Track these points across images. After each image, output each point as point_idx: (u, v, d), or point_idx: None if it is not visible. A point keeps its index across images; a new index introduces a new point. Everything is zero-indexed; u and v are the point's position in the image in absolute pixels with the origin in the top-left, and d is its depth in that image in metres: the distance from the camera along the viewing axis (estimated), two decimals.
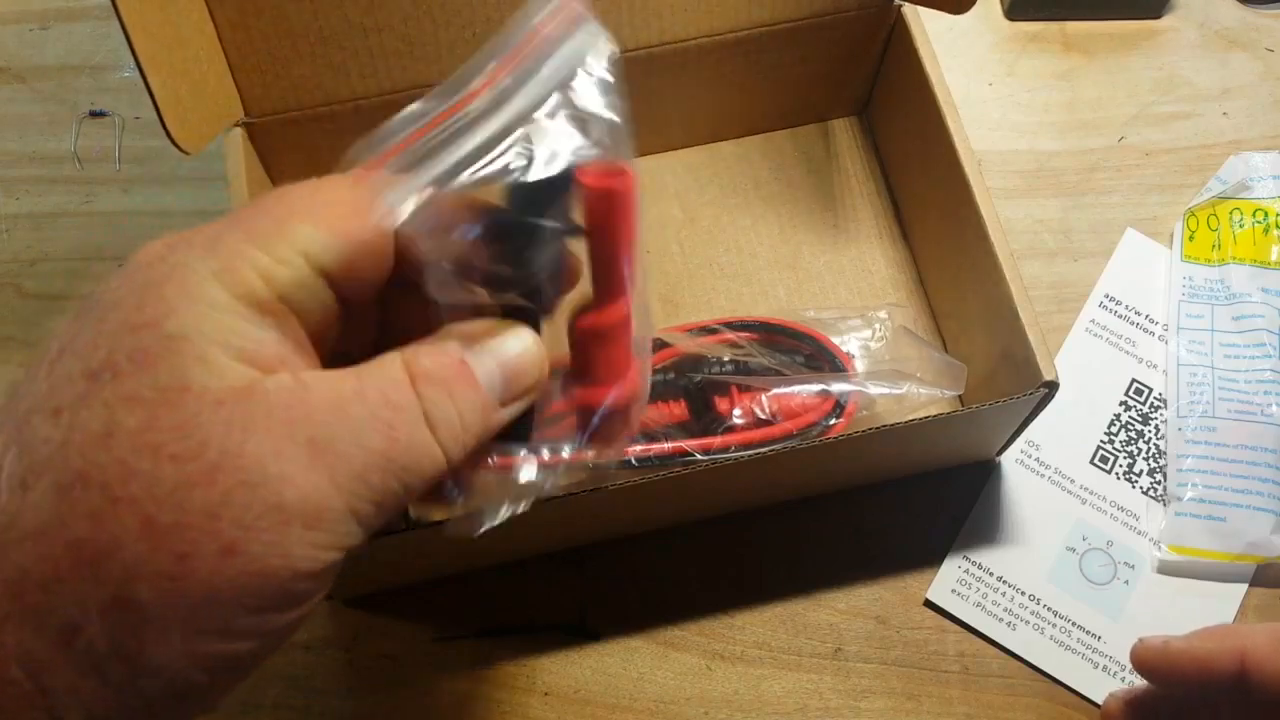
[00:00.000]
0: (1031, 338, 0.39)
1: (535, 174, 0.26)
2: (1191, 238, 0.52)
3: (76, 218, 0.54)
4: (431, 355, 0.25)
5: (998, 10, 0.59)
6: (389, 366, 0.24)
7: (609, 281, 0.28)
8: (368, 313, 0.28)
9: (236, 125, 0.45)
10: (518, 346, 0.27)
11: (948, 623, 0.45)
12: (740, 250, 0.52)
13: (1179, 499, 0.46)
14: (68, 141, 0.56)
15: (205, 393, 0.22)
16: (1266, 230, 0.51)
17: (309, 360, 0.25)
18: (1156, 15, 0.59)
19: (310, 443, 0.23)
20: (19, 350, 0.51)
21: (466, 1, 0.44)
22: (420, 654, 0.45)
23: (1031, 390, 0.39)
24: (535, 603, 0.46)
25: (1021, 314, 0.40)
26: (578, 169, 0.26)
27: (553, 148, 0.26)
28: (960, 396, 0.47)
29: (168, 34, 0.39)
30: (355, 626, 0.45)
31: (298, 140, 0.47)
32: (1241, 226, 0.51)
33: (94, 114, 0.56)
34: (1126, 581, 0.46)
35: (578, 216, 0.27)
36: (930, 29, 0.47)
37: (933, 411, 0.38)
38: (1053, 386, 0.39)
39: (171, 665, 0.22)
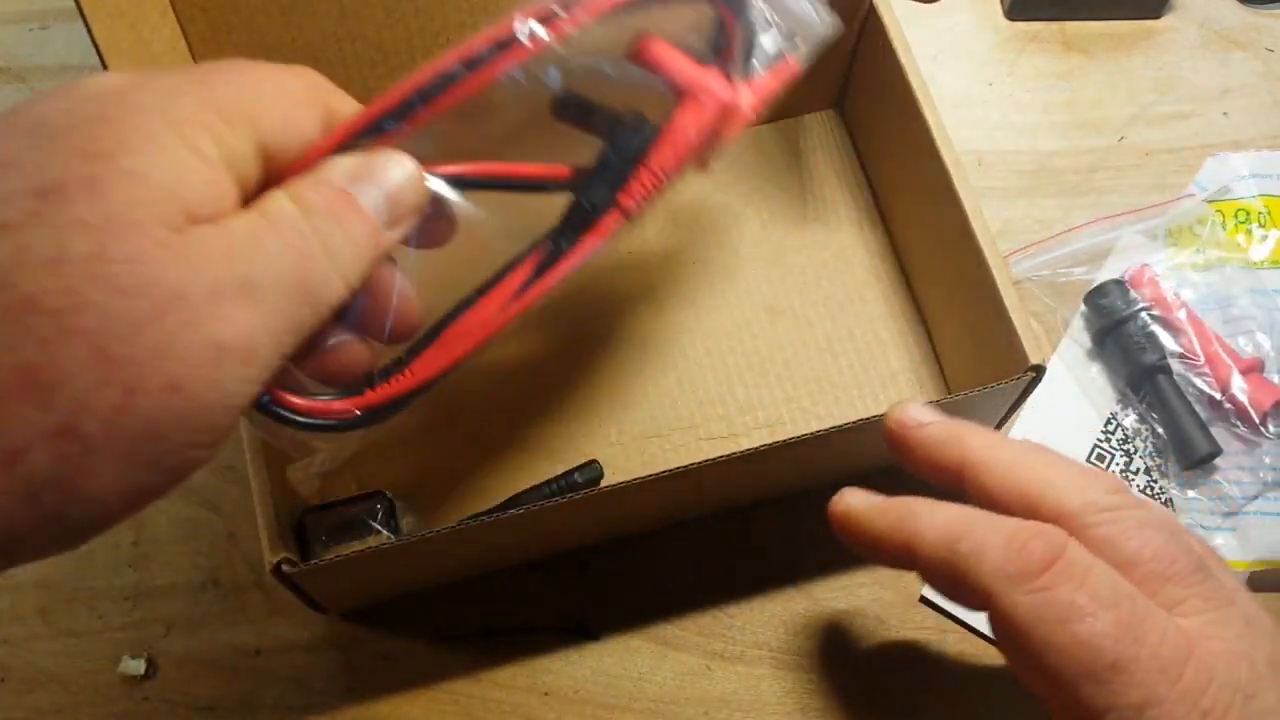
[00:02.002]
0: (1016, 322, 0.39)
1: None
2: (1176, 243, 0.52)
3: None
4: (313, 188, 0.26)
5: (998, 10, 0.59)
6: (279, 203, 0.26)
7: None
8: None
9: None
10: (399, 172, 0.28)
11: (948, 622, 0.45)
12: (722, 246, 0.52)
13: (1192, 511, 0.46)
14: None
15: (156, 231, 0.23)
16: (1249, 231, 0.51)
17: (238, 207, 0.26)
18: (1156, 15, 0.59)
19: (241, 284, 0.24)
20: None
21: (440, 9, 0.44)
22: (420, 654, 0.45)
23: (1018, 375, 0.39)
24: (535, 603, 0.46)
25: (1005, 299, 0.40)
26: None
27: None
28: (948, 384, 0.47)
29: (140, 52, 0.39)
30: (355, 627, 0.45)
31: None
32: (1224, 228, 0.51)
33: None
34: None
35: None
36: (929, 29, 0.47)
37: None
38: (1039, 370, 0.39)
39: (101, 496, 0.23)
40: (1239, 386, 0.47)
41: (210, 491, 0.47)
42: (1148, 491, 0.47)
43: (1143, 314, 0.48)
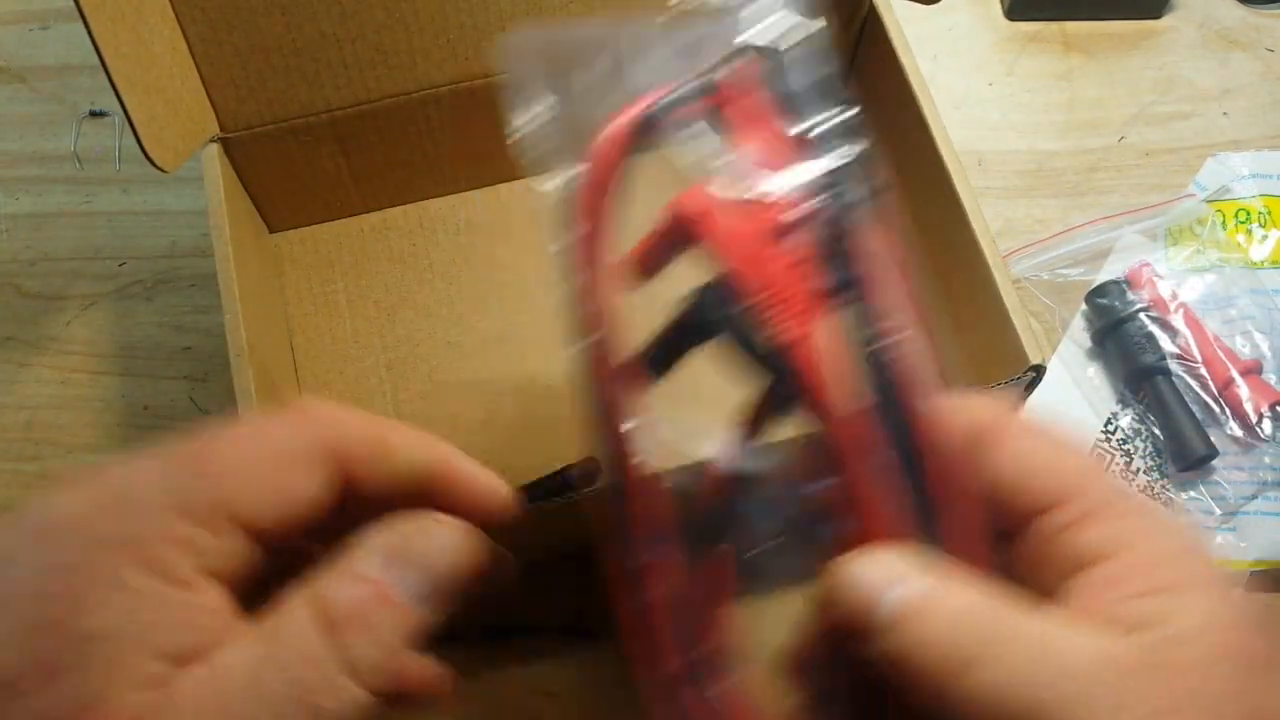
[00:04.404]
0: (1016, 322, 0.40)
1: None
2: (1176, 243, 0.52)
3: (76, 218, 0.54)
4: (344, 587, 0.23)
5: (998, 10, 0.59)
6: (297, 617, 0.22)
7: None
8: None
9: (212, 141, 0.45)
10: (444, 543, 0.25)
11: None
12: None
13: (1189, 511, 0.46)
14: (68, 141, 0.56)
15: (125, 699, 0.20)
16: (1249, 231, 0.51)
17: (233, 623, 0.22)
18: (1156, 15, 0.59)
19: None
20: (19, 350, 0.51)
21: (439, 9, 0.44)
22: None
23: (1018, 375, 0.39)
24: (535, 603, 0.46)
25: (1005, 299, 0.40)
26: None
27: None
28: (948, 384, 0.47)
29: (140, 53, 0.39)
30: None
31: (274, 153, 0.47)
32: (1224, 228, 0.51)
33: (94, 114, 0.56)
34: None
35: None
36: (929, 29, 0.47)
37: None
38: (1039, 370, 0.39)
39: None
40: (1237, 388, 0.47)
41: None
42: (1148, 491, 0.47)
43: (1142, 314, 0.48)
